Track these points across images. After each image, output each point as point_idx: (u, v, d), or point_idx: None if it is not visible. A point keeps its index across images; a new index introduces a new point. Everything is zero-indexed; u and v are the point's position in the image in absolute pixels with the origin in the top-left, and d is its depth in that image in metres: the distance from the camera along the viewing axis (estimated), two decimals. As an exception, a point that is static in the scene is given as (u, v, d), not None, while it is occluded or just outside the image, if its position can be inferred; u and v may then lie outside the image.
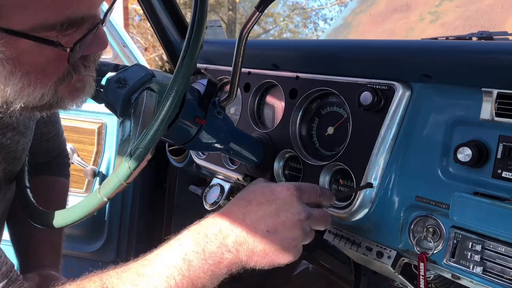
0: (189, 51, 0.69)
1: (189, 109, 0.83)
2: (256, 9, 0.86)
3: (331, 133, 1.06)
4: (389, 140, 0.90)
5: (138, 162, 0.68)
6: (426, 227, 0.86)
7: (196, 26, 0.69)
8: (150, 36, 9.02)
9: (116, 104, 0.82)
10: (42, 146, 1.11)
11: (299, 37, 12.63)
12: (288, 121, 1.10)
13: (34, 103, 0.69)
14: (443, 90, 0.87)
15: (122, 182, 0.69)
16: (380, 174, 0.90)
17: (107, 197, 0.71)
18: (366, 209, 0.91)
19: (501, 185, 0.77)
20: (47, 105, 0.72)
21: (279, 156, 1.10)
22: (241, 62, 0.91)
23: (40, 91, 0.68)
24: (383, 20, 4.42)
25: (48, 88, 0.69)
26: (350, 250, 0.99)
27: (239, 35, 0.90)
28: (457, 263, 0.81)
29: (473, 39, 1.11)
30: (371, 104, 0.91)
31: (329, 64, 1.06)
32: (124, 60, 1.96)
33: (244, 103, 1.23)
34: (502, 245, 0.76)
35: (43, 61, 0.66)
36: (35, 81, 0.66)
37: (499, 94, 0.77)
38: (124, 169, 0.68)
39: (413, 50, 0.90)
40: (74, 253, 1.85)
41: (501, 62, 0.76)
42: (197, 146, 0.91)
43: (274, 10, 12.13)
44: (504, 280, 0.75)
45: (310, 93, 1.08)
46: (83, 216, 0.75)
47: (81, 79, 0.73)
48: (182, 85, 0.69)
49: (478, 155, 0.79)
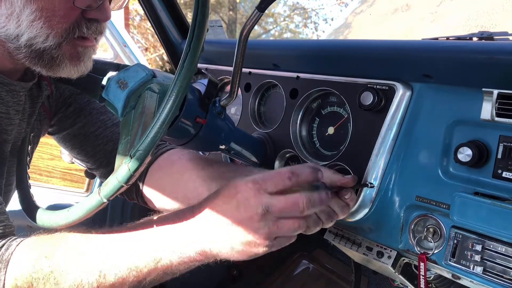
0: (190, 54, 0.69)
1: (190, 109, 0.83)
2: (257, 9, 0.87)
3: (332, 133, 1.06)
4: (390, 140, 0.90)
5: (138, 164, 0.68)
6: (427, 227, 0.86)
7: (197, 29, 0.69)
8: (150, 36, 9.02)
9: (117, 104, 0.82)
10: (114, 131, 1.07)
11: (300, 37, 12.63)
12: (288, 121, 1.10)
13: (38, 43, 0.74)
14: (443, 90, 0.87)
15: (122, 184, 0.69)
16: (381, 174, 0.90)
17: (107, 199, 0.71)
18: (366, 209, 0.91)
19: (501, 185, 0.78)
20: (48, 56, 0.77)
21: (279, 156, 1.10)
22: (242, 62, 0.91)
23: (47, 31, 0.74)
24: (383, 20, 4.43)
25: (54, 33, 0.75)
26: (351, 250, 0.99)
27: (240, 35, 0.90)
28: (458, 263, 0.81)
29: (474, 39, 1.11)
30: (371, 104, 0.91)
31: (330, 64, 1.06)
32: (124, 60, 1.96)
33: (245, 103, 1.23)
34: (502, 245, 0.76)
35: (55, 1, 0.73)
36: (45, 18, 0.73)
37: (500, 94, 0.77)
38: (124, 171, 0.69)
39: (414, 50, 0.90)
40: (75, 253, 1.85)
41: (502, 62, 0.76)
42: (197, 146, 0.91)
43: (274, 10, 12.13)
44: (504, 280, 0.75)
45: (310, 93, 1.08)
46: (82, 216, 0.75)
47: (83, 44, 0.79)
48: (182, 88, 0.69)
49: (478, 155, 0.79)
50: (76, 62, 0.80)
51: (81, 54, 0.80)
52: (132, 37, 6.21)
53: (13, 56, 0.79)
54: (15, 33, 0.74)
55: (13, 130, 0.91)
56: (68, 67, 0.80)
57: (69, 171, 1.91)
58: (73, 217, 0.76)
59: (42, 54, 0.77)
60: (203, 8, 0.69)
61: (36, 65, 0.79)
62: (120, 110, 0.81)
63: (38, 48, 0.76)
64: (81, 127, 1.04)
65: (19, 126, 0.93)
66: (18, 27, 0.73)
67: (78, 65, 0.81)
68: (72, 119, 1.04)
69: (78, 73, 0.82)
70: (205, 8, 0.69)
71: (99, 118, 1.06)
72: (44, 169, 1.93)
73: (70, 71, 0.81)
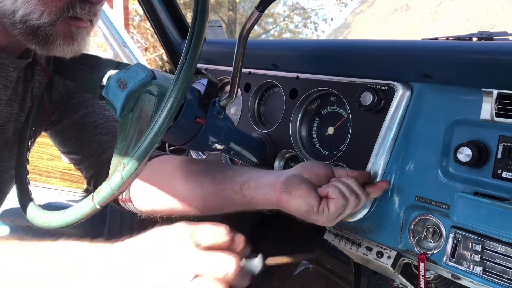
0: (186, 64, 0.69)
1: (190, 109, 0.83)
2: (256, 9, 0.87)
3: (331, 133, 1.06)
4: (389, 140, 0.90)
5: (131, 173, 0.68)
6: (426, 227, 0.86)
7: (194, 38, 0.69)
8: (150, 36, 9.02)
9: (116, 104, 0.82)
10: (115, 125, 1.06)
11: (299, 37, 12.64)
12: (288, 121, 1.10)
13: (33, 19, 0.76)
14: (443, 90, 0.87)
15: (114, 191, 0.69)
16: (380, 174, 0.90)
17: (99, 205, 0.71)
18: (366, 209, 0.91)
19: (501, 185, 0.78)
20: (42, 33, 0.78)
21: (279, 156, 1.10)
22: (241, 62, 0.91)
23: (41, 8, 0.76)
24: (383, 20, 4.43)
25: (48, 11, 0.76)
26: (350, 250, 0.99)
27: (239, 35, 0.90)
28: (457, 263, 0.81)
29: (473, 39, 1.11)
30: (371, 104, 0.91)
31: (329, 64, 1.06)
32: (124, 60, 1.96)
33: (245, 103, 1.23)
34: (502, 245, 0.76)
35: None
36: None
37: (499, 94, 0.77)
38: (117, 179, 0.68)
39: (413, 50, 0.90)
40: (74, 253, 1.85)
41: (501, 62, 0.76)
42: (197, 146, 0.91)
43: (274, 10, 12.14)
44: (504, 280, 0.75)
45: (310, 93, 1.08)
46: (76, 221, 0.75)
47: (77, 25, 0.80)
48: (177, 100, 0.68)
49: (478, 155, 0.79)
50: (69, 42, 0.82)
51: (74, 34, 0.82)
52: (132, 37, 6.21)
53: (9, 33, 0.80)
54: (11, 8, 0.76)
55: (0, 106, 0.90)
56: (61, 45, 0.81)
57: (68, 171, 1.91)
58: (67, 220, 0.76)
59: (37, 31, 0.78)
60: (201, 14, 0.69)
61: (30, 42, 0.81)
62: (119, 111, 0.81)
63: (32, 25, 0.77)
64: (81, 116, 1.04)
65: (10, 107, 0.93)
66: (14, 2, 0.75)
67: (72, 44, 0.82)
68: (74, 109, 1.05)
69: (72, 53, 0.84)
70: (204, 14, 0.69)
71: (101, 112, 1.06)
72: (43, 169, 1.93)
73: (63, 50, 0.82)
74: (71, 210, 0.75)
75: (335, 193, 0.80)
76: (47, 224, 0.80)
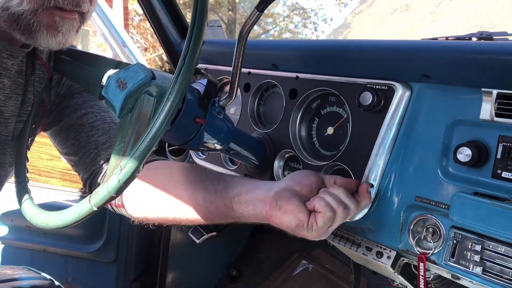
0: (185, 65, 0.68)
1: (189, 109, 0.83)
2: (256, 9, 0.87)
3: (331, 133, 1.06)
4: (389, 140, 0.90)
5: (128, 176, 0.68)
6: (426, 227, 0.86)
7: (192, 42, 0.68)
8: (150, 36, 9.02)
9: (115, 104, 0.82)
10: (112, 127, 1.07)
11: (299, 37, 12.64)
12: (288, 121, 1.10)
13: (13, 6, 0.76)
14: (443, 90, 0.87)
15: (111, 194, 0.69)
16: (380, 174, 0.90)
17: (96, 207, 0.71)
18: (366, 209, 0.91)
19: (501, 185, 0.77)
20: (24, 22, 0.78)
21: (279, 156, 1.10)
22: (241, 62, 0.91)
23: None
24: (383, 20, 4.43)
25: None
26: (350, 250, 0.99)
27: (239, 35, 0.90)
28: (457, 263, 0.81)
29: (473, 39, 1.11)
30: (371, 104, 0.91)
31: (329, 64, 1.06)
32: (124, 60, 1.96)
33: (244, 103, 1.23)
34: (502, 245, 0.76)
35: None
36: None
37: (499, 94, 0.77)
38: (114, 182, 0.68)
39: (413, 50, 0.90)
40: (74, 253, 1.85)
41: (501, 62, 0.76)
42: (197, 146, 0.91)
43: (273, 10, 12.14)
44: (503, 280, 0.75)
45: (310, 93, 1.08)
46: (73, 222, 0.75)
47: (61, 15, 0.80)
48: (175, 103, 0.68)
49: (478, 155, 0.79)
50: (54, 32, 0.81)
51: (58, 24, 0.81)
52: (131, 37, 6.21)
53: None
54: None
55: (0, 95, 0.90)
56: (45, 35, 0.81)
57: (68, 171, 1.91)
58: (65, 221, 0.76)
59: (18, 19, 0.78)
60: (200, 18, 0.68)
61: (14, 30, 0.80)
62: (118, 111, 0.81)
63: (13, 12, 0.77)
64: (79, 117, 1.04)
65: (15, 100, 0.92)
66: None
67: (56, 35, 0.81)
68: (73, 109, 1.04)
69: (57, 44, 0.83)
70: (203, 18, 0.69)
71: (100, 113, 1.06)
72: (43, 169, 1.93)
73: (48, 40, 0.82)
74: (69, 211, 0.76)
75: (321, 206, 0.77)
76: (45, 224, 0.81)
